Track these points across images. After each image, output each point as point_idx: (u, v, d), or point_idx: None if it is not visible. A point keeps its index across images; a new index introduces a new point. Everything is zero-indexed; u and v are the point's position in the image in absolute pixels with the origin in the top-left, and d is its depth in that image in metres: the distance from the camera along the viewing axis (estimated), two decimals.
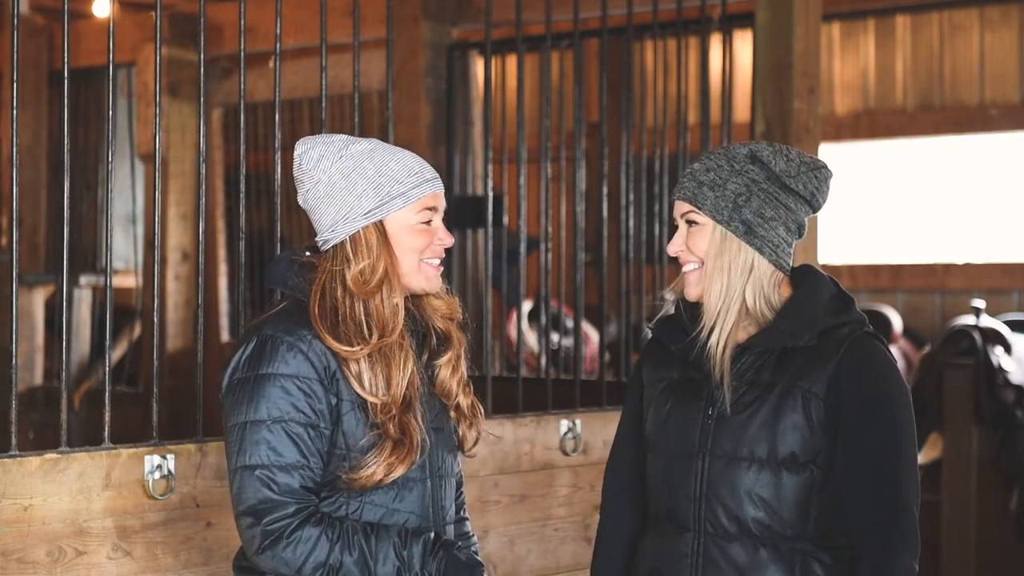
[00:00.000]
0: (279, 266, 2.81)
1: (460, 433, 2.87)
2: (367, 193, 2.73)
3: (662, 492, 2.85)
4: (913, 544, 2.71)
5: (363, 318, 2.71)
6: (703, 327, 2.79)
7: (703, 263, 2.80)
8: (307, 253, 2.82)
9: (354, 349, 2.68)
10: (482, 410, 2.92)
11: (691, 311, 2.86)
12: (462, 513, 3.01)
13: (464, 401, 2.87)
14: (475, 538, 3.04)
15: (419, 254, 2.78)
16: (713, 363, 2.78)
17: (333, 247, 2.76)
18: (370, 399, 2.68)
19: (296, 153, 2.79)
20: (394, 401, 2.70)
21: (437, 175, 2.82)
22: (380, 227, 2.74)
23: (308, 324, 2.70)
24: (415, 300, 2.85)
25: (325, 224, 2.76)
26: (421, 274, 2.79)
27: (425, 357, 2.85)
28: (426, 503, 2.78)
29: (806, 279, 2.84)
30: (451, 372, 2.85)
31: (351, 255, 2.74)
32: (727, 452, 2.76)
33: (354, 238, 2.74)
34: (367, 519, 2.72)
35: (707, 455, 2.78)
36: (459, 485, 3.00)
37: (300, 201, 2.81)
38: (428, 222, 2.78)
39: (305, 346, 2.68)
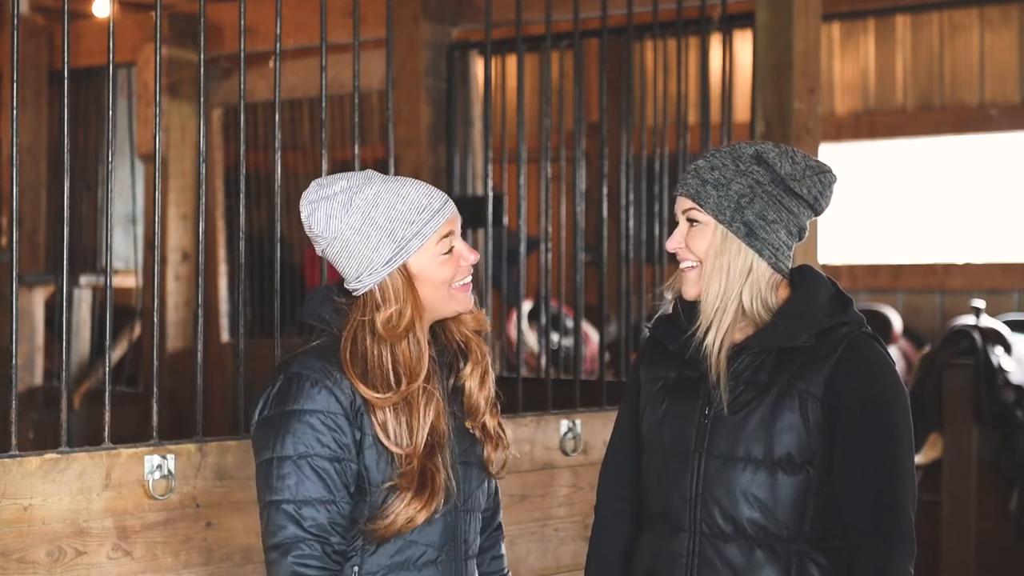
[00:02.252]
0: (314, 301, 2.81)
1: (486, 455, 2.85)
2: (383, 243, 2.72)
3: (657, 492, 2.84)
4: (909, 546, 2.70)
5: (390, 366, 2.71)
6: (699, 327, 2.78)
7: (701, 262, 2.79)
8: (339, 293, 2.81)
9: (383, 396, 2.69)
10: (509, 434, 2.90)
11: (688, 310, 2.85)
12: (498, 550, 3.00)
13: (491, 422, 2.85)
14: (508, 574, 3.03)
15: (447, 283, 2.78)
16: (709, 363, 2.77)
17: (363, 295, 2.76)
18: (394, 449, 2.69)
19: (303, 216, 2.77)
20: (415, 450, 2.70)
21: (446, 199, 2.80)
22: (404, 270, 2.74)
23: (338, 362, 2.71)
24: (440, 321, 2.85)
25: (350, 275, 2.77)
26: (452, 301, 2.79)
27: (451, 381, 2.84)
28: (447, 537, 2.77)
29: (804, 280, 2.83)
30: (478, 386, 2.84)
31: (380, 302, 2.74)
32: (723, 452, 2.75)
33: (381, 286, 2.74)
34: (385, 551, 2.72)
35: (703, 455, 2.77)
36: (495, 514, 2.98)
37: (319, 253, 2.81)
38: (450, 250, 2.78)
39: (331, 382, 2.69)
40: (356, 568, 2.71)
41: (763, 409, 2.74)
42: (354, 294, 2.78)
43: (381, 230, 2.72)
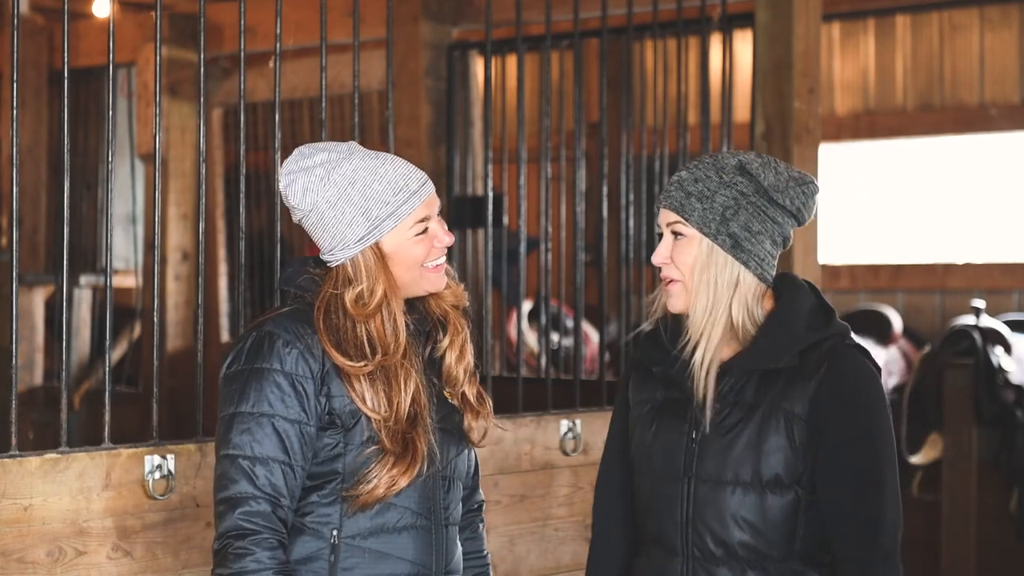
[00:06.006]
0: (291, 269, 2.83)
1: (466, 424, 2.86)
2: (356, 220, 2.74)
3: (650, 516, 2.83)
4: (892, 560, 2.68)
5: (364, 339, 2.73)
6: (687, 344, 2.75)
7: (684, 277, 2.76)
8: (315, 265, 2.83)
9: (357, 365, 2.70)
10: (490, 402, 2.91)
11: (672, 328, 2.82)
12: (475, 530, 3.01)
13: (469, 391, 2.86)
14: (488, 556, 3.03)
15: (420, 263, 2.79)
16: (696, 384, 2.74)
17: (335, 268, 2.78)
18: (373, 416, 2.71)
19: (280, 186, 2.79)
20: (397, 418, 2.71)
21: (424, 179, 2.80)
22: (376, 248, 2.76)
23: (312, 326, 2.72)
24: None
25: (323, 247, 2.79)
26: (424, 281, 2.81)
27: (428, 350, 2.85)
28: (424, 501, 2.78)
29: (787, 290, 2.79)
30: (456, 358, 2.85)
31: (351, 277, 2.76)
32: (712, 476, 2.73)
33: (353, 262, 2.76)
34: (364, 513, 2.72)
35: (693, 479, 2.75)
36: (473, 492, 2.99)
37: (295, 222, 2.83)
38: (424, 231, 2.79)
39: (302, 346, 2.71)
40: (335, 532, 2.72)
41: (750, 431, 2.71)
42: (328, 265, 2.80)
43: (356, 208, 2.74)
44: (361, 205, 2.74)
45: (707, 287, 2.73)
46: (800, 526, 2.72)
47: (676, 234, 2.77)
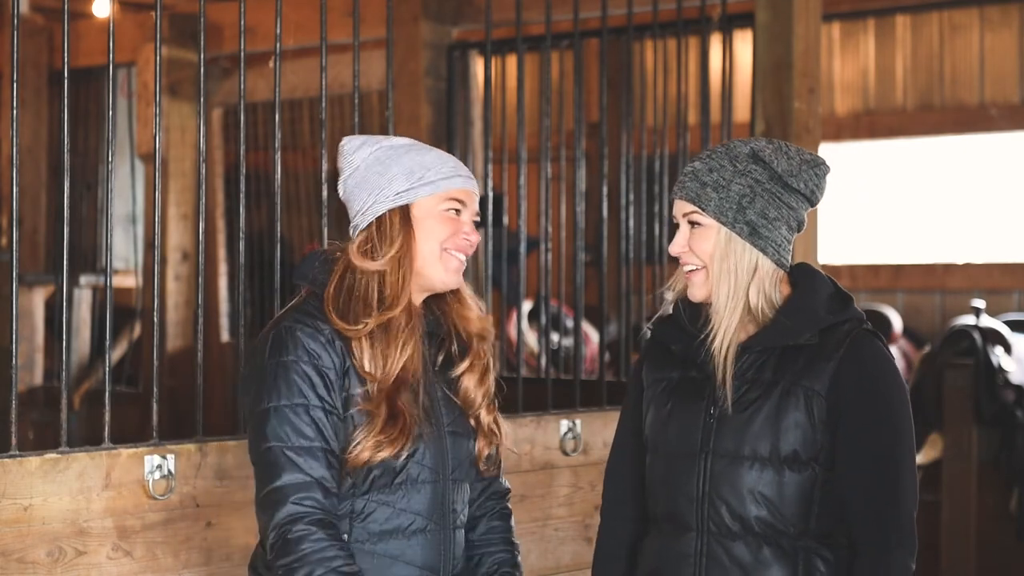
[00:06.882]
0: (307, 262, 2.85)
1: (477, 449, 2.87)
2: (398, 177, 2.78)
3: (663, 492, 2.85)
4: (909, 541, 2.72)
5: (374, 295, 2.74)
6: (712, 329, 2.79)
7: (706, 265, 2.80)
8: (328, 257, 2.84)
9: (358, 327, 2.71)
10: (505, 432, 2.92)
11: (690, 311, 2.86)
12: (497, 517, 2.99)
13: (485, 417, 2.87)
14: (517, 546, 3.02)
15: (442, 242, 2.79)
16: (716, 363, 2.78)
17: (359, 232, 2.79)
18: (369, 377, 2.71)
19: (341, 144, 2.85)
20: (386, 377, 2.72)
21: (473, 178, 2.85)
22: (406, 211, 2.78)
23: (325, 316, 2.74)
24: (443, 306, 2.87)
25: (357, 209, 2.81)
26: (442, 263, 2.80)
27: (441, 357, 2.86)
28: (434, 506, 2.78)
29: (805, 277, 2.85)
30: (476, 383, 2.86)
31: (375, 236, 2.78)
32: (729, 451, 2.76)
33: (380, 219, 2.78)
34: (374, 518, 2.73)
35: (709, 454, 2.78)
36: (491, 482, 2.98)
37: (340, 193, 2.86)
38: (456, 212, 2.81)
39: (324, 339, 2.71)
40: (345, 536, 2.72)
41: (768, 407, 2.75)
42: (353, 235, 2.81)
43: (401, 167, 2.79)
44: (407, 167, 2.78)
45: (728, 275, 2.78)
46: (816, 503, 2.75)
47: (693, 224, 2.81)
